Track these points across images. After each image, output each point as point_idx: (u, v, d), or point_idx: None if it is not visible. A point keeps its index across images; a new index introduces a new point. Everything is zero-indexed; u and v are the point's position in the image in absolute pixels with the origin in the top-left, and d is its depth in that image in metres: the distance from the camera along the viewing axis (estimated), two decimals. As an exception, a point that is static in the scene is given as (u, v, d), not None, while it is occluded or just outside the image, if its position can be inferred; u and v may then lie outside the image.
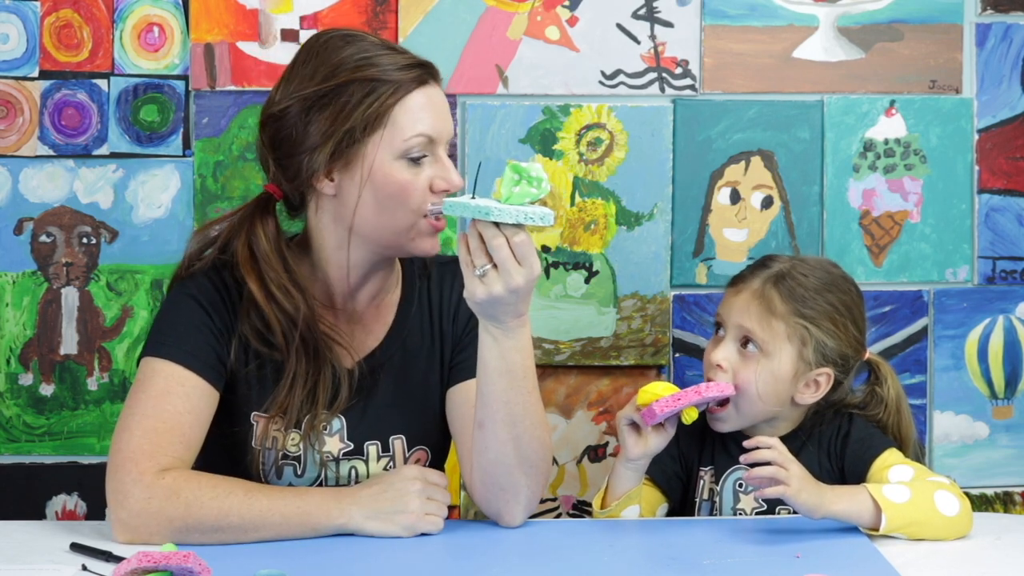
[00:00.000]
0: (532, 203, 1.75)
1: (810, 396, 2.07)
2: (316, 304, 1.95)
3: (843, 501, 1.88)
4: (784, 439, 2.05)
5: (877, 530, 1.88)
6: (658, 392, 1.96)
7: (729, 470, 2.09)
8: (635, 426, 2.00)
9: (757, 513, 2.06)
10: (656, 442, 2.00)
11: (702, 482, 2.10)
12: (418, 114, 1.89)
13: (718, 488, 2.09)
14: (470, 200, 1.76)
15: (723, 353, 2.06)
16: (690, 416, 1.99)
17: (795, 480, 1.86)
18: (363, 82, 1.88)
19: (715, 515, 2.09)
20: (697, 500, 2.10)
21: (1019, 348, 2.59)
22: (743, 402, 2.05)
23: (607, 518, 2.03)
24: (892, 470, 1.99)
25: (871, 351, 2.16)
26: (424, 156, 1.90)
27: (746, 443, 1.93)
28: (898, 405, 2.13)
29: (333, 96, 1.89)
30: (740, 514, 2.07)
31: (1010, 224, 2.58)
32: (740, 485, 2.07)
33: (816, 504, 1.87)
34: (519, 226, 1.74)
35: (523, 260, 1.75)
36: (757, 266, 2.12)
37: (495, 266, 1.76)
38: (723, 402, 2.06)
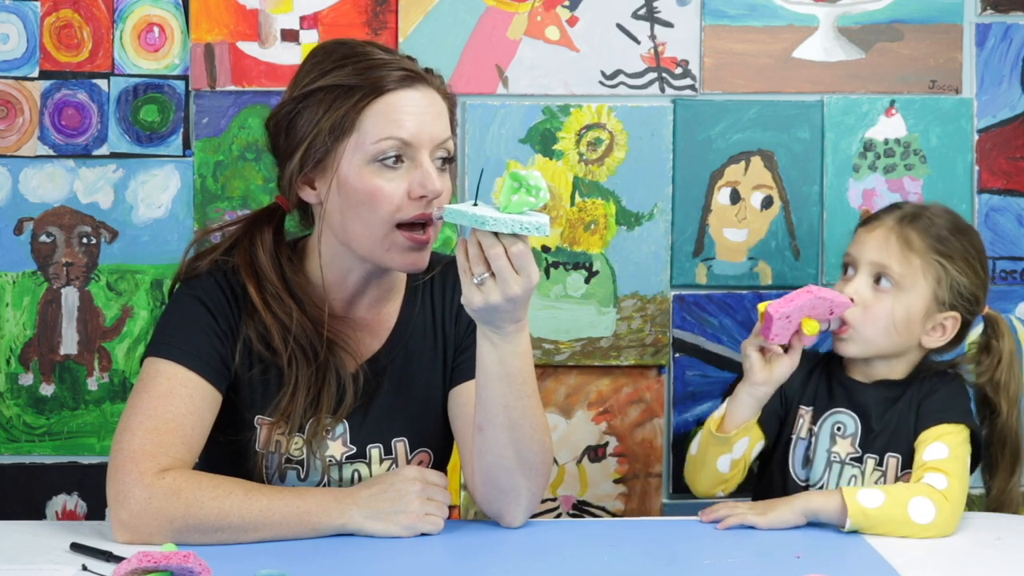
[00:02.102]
0: (530, 211, 1.74)
1: (936, 340, 2.11)
2: (318, 312, 1.94)
3: (818, 499, 1.95)
4: (886, 385, 2.11)
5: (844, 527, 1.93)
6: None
7: (828, 413, 2.12)
8: (762, 352, 2.05)
9: (851, 459, 2.08)
10: (781, 369, 2.05)
11: (801, 420, 2.13)
12: (391, 117, 1.85)
13: (816, 429, 2.11)
14: (468, 208, 1.75)
15: (854, 287, 2.09)
16: (811, 328, 2.02)
17: (752, 515, 1.93)
18: (338, 85, 1.86)
19: (809, 455, 2.11)
20: (794, 437, 2.12)
21: (1019, 348, 2.59)
22: (871, 333, 2.08)
23: (720, 444, 2.06)
24: (931, 446, 2.01)
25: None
26: (400, 161, 1.86)
27: (703, 519, 1.98)
28: (1011, 361, 2.16)
29: (312, 99, 1.88)
30: (834, 458, 2.09)
31: (1010, 224, 2.58)
32: (838, 428, 2.10)
33: (788, 511, 1.93)
34: (518, 235, 1.74)
35: (521, 270, 1.74)
36: (888, 209, 2.17)
37: (493, 275, 1.75)
38: (843, 330, 2.10)
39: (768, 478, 2.16)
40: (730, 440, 2.07)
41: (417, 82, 1.88)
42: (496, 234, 1.73)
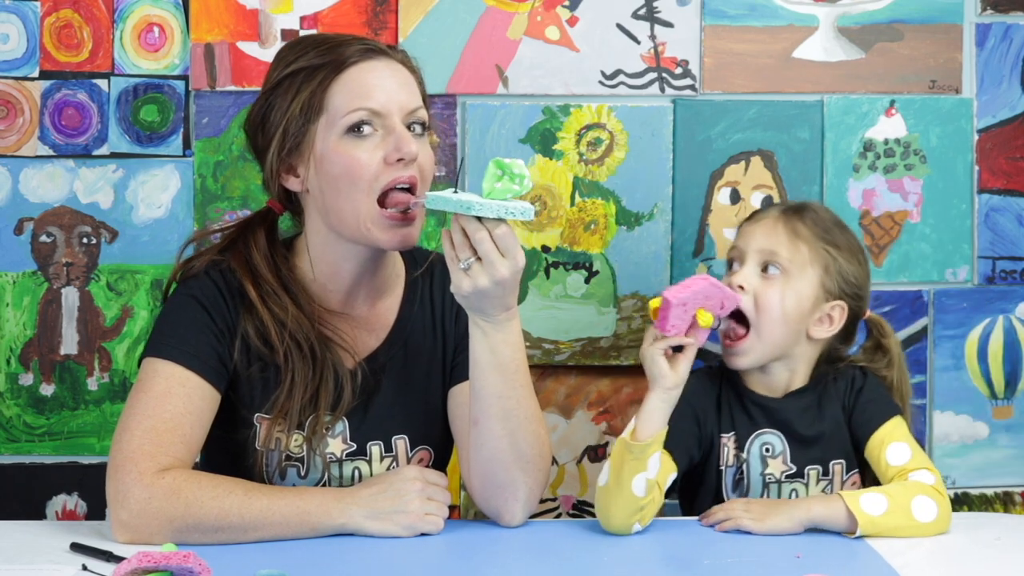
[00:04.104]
0: (514, 198, 1.76)
1: (824, 331, 2.09)
2: (315, 308, 1.95)
3: (819, 507, 1.93)
4: (798, 394, 2.09)
5: (852, 533, 1.92)
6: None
7: (753, 435, 2.08)
8: (665, 355, 1.95)
9: (787, 476, 2.06)
10: (683, 368, 1.94)
11: (726, 449, 2.09)
12: (356, 90, 1.88)
13: (744, 455, 2.08)
14: (452, 195, 1.77)
15: (743, 275, 2.06)
16: (706, 320, 1.94)
17: (750, 520, 1.92)
18: (301, 70, 1.90)
19: (742, 481, 2.08)
20: (722, 468, 2.09)
21: (1019, 348, 2.59)
22: (765, 325, 2.04)
23: (636, 458, 1.91)
24: (889, 448, 2.02)
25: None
26: (371, 129, 1.88)
27: (703, 523, 1.97)
28: (900, 361, 2.17)
29: (279, 90, 1.91)
30: (770, 479, 2.07)
31: (1010, 224, 2.58)
32: (767, 450, 2.07)
33: (786, 520, 1.92)
34: (501, 219, 1.75)
35: (506, 252, 1.76)
36: (770, 205, 2.17)
37: (479, 259, 1.77)
38: (739, 336, 2.06)
39: (699, 506, 2.08)
40: (646, 451, 1.91)
41: (378, 54, 1.92)
42: (479, 219, 1.75)
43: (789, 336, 2.07)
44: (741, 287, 2.05)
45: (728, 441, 2.09)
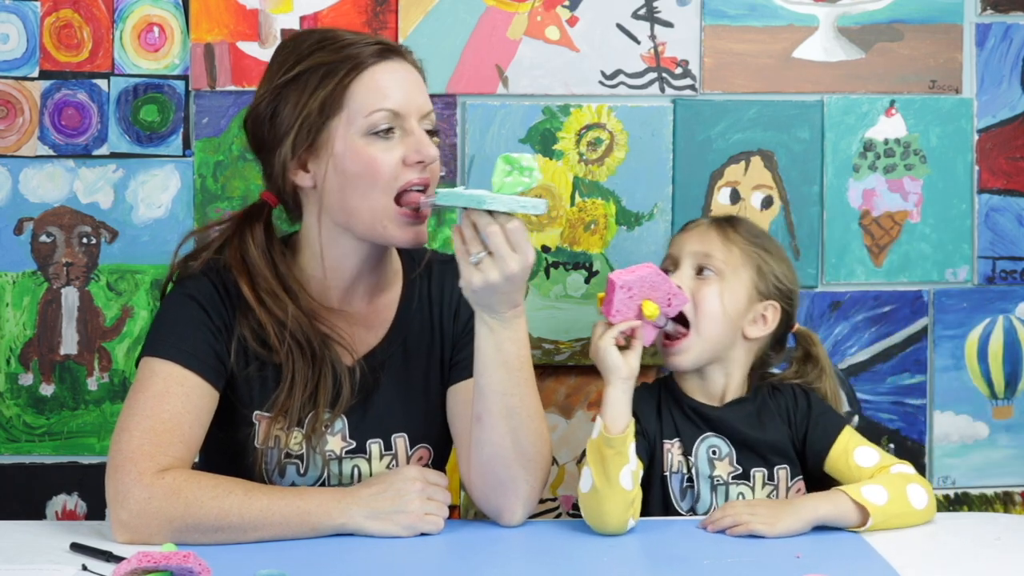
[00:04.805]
0: (524, 192, 1.76)
1: (759, 330, 2.13)
2: (313, 305, 1.95)
3: (825, 505, 1.94)
4: (737, 404, 2.12)
5: (859, 527, 1.93)
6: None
7: (699, 439, 2.10)
8: (616, 347, 1.96)
9: (734, 477, 2.08)
10: (634, 360, 1.97)
11: (670, 455, 2.09)
12: (378, 90, 1.89)
13: (692, 459, 2.09)
14: (463, 190, 1.78)
15: (678, 278, 2.09)
16: (651, 310, 1.96)
17: (761, 524, 1.91)
18: (319, 66, 1.90)
19: (690, 486, 2.08)
20: (666, 474, 2.09)
21: (1019, 348, 2.59)
22: (704, 322, 2.08)
23: (618, 452, 1.91)
24: (856, 453, 2.06)
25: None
26: (392, 131, 1.89)
27: (709, 529, 1.95)
28: (830, 370, 2.21)
29: (294, 85, 1.90)
30: (718, 481, 2.07)
31: (1010, 224, 2.58)
32: (714, 452, 2.09)
33: (795, 521, 1.92)
34: (511, 214, 1.76)
35: (517, 246, 1.77)
36: (703, 217, 2.26)
37: (490, 253, 1.77)
38: (675, 337, 2.09)
39: (646, 515, 2.06)
40: (625, 442, 1.91)
41: (393, 54, 1.93)
42: (491, 214, 1.76)
43: (727, 335, 2.10)
44: (678, 287, 2.05)
45: (672, 447, 2.10)
